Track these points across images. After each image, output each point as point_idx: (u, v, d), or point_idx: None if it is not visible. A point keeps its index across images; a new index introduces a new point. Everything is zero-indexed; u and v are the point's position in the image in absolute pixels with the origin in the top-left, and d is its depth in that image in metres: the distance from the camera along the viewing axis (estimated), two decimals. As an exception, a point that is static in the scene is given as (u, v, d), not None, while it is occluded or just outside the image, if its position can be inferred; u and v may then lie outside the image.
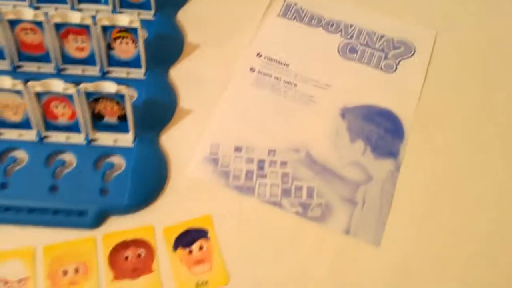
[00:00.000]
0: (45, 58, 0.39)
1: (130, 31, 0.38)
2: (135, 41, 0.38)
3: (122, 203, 0.35)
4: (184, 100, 0.40)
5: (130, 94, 0.36)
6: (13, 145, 0.36)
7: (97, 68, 0.39)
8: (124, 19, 0.37)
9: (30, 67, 0.39)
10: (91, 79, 0.37)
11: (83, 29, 0.38)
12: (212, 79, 0.42)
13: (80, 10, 0.42)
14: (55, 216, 0.34)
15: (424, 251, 0.36)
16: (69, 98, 0.35)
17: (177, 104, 0.40)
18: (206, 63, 0.42)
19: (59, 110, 0.35)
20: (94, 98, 0.35)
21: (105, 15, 0.38)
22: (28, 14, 0.37)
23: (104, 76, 0.39)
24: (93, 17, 0.37)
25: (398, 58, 0.44)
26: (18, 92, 0.34)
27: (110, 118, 0.36)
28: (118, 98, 0.35)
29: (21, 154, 0.36)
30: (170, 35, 0.42)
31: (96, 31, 0.37)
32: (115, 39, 0.38)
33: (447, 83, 0.43)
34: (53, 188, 0.35)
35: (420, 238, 0.36)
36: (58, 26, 0.37)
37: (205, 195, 0.36)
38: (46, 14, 0.37)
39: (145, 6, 0.42)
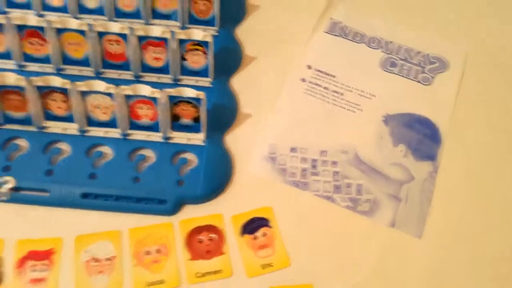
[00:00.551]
0: (125, 66, 0.44)
1: (202, 44, 0.43)
2: (205, 53, 0.44)
3: (196, 193, 0.40)
4: (244, 106, 0.45)
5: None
6: (100, 142, 0.41)
7: (171, 76, 0.45)
8: (198, 33, 0.43)
9: (112, 74, 0.45)
10: (165, 86, 0.43)
11: (161, 42, 0.43)
12: (268, 87, 0.47)
13: (152, 25, 0.48)
14: (138, 203, 0.39)
15: (461, 243, 0.40)
16: (153, 101, 0.40)
17: (238, 109, 0.45)
18: (262, 73, 0.47)
19: (143, 111, 0.41)
20: (174, 102, 0.40)
21: (177, 31, 0.43)
22: (114, 27, 0.43)
23: (176, 83, 0.45)
24: (172, 32, 0.43)
25: (434, 72, 0.49)
26: (109, 95, 0.40)
27: (186, 120, 0.41)
28: (196, 102, 0.40)
29: (106, 150, 0.41)
30: (231, 48, 0.48)
31: (173, 44, 0.43)
32: (189, 51, 0.44)
33: (479, 94, 0.48)
34: (135, 179, 0.40)
35: (458, 231, 0.41)
36: (140, 39, 0.43)
37: (265, 189, 0.41)
38: (130, 28, 0.42)
39: (210, 23, 0.48)
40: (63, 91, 0.40)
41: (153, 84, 0.42)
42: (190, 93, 0.39)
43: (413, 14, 0.52)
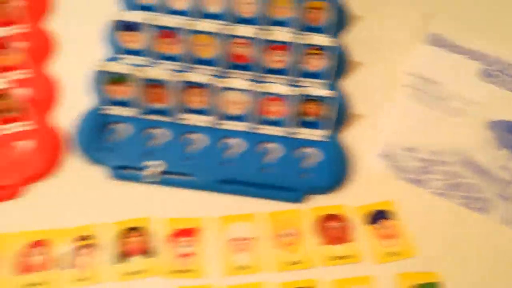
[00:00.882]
0: (248, 67, 0.48)
1: (323, 48, 0.47)
2: (324, 57, 0.47)
3: (320, 184, 0.43)
4: (355, 107, 0.49)
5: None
6: (231, 134, 0.45)
7: (290, 77, 0.48)
8: (319, 39, 0.47)
9: (236, 74, 0.47)
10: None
11: (284, 45, 0.47)
12: (374, 91, 0.50)
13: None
14: (269, 190, 0.43)
15: None
16: (285, 98, 0.43)
17: (350, 109, 0.49)
18: (370, 77, 0.51)
19: (274, 108, 0.44)
20: (303, 100, 0.44)
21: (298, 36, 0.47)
22: (243, 31, 0.46)
23: (295, 84, 0.48)
24: (295, 37, 0.46)
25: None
26: (245, 91, 0.43)
27: (311, 117, 0.45)
28: (323, 100, 0.43)
29: (236, 141, 0.45)
30: (340, 53, 0.51)
31: (297, 49, 0.46)
32: (308, 54, 0.47)
33: None
34: (265, 169, 0.43)
35: None
36: (267, 42, 0.47)
37: (382, 184, 0.45)
38: (257, 32, 0.46)
39: (321, 30, 0.52)
40: (202, 87, 0.44)
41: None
42: (320, 92, 0.43)
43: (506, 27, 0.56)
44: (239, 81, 0.43)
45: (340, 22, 0.53)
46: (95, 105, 0.46)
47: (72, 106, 0.46)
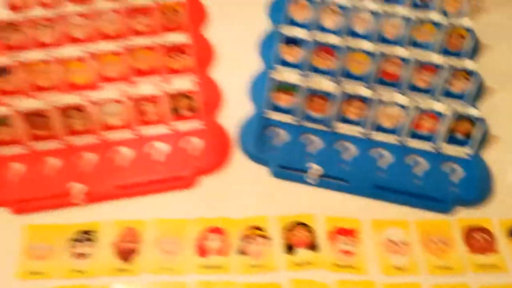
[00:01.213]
0: (396, 85, 0.52)
1: (468, 72, 0.51)
2: (468, 81, 0.51)
3: (468, 198, 0.47)
4: (493, 127, 0.52)
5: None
6: (383, 145, 0.49)
7: (434, 96, 0.52)
8: (468, 63, 0.51)
9: (383, 90, 0.52)
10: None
11: (432, 67, 0.51)
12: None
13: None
14: (419, 200, 0.46)
15: None
16: (438, 115, 0.47)
17: (489, 129, 0.52)
18: (504, 101, 0.54)
19: (427, 124, 0.48)
20: (455, 118, 0.48)
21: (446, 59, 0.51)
22: (398, 51, 0.51)
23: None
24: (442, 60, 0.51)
25: None
26: (402, 106, 0.48)
27: (459, 134, 0.49)
28: (472, 120, 0.47)
29: (388, 152, 0.49)
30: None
31: (444, 73, 0.50)
32: (455, 76, 0.51)
33: None
34: (417, 179, 0.47)
35: None
36: (417, 62, 0.51)
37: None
38: (411, 54, 0.51)
39: (460, 55, 0.55)
40: (362, 99, 0.48)
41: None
42: (472, 111, 0.47)
43: None
44: (399, 96, 0.48)
45: (474, 48, 0.58)
46: (258, 109, 0.51)
47: (234, 109, 0.52)
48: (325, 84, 0.48)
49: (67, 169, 0.47)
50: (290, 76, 0.48)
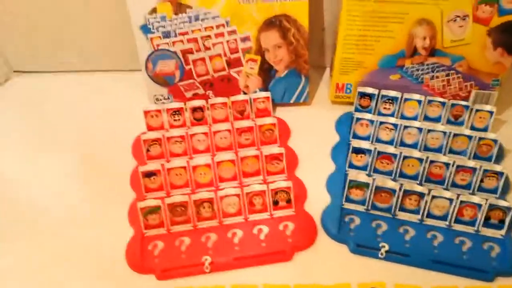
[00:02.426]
0: (440, 182, 0.68)
1: (498, 174, 0.66)
2: (497, 179, 0.66)
3: (504, 269, 0.60)
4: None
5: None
6: (433, 228, 0.64)
7: (471, 191, 0.68)
8: (497, 166, 0.66)
9: (429, 186, 0.69)
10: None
11: (470, 169, 0.67)
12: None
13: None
14: (470, 271, 0.60)
15: None
16: (478, 206, 0.62)
17: None
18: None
19: (468, 212, 0.63)
20: (490, 207, 0.62)
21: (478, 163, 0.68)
22: (442, 158, 0.68)
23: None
24: (480, 166, 0.67)
25: None
26: (448, 199, 0.63)
27: (494, 220, 0.63)
28: (503, 209, 0.62)
29: (437, 233, 0.64)
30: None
31: (478, 176, 0.66)
32: (488, 176, 0.67)
33: None
34: (465, 255, 0.61)
35: None
36: (457, 166, 0.67)
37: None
38: (454, 160, 0.67)
39: (488, 159, 0.72)
40: (419, 194, 0.64)
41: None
42: (502, 203, 0.62)
43: None
44: (445, 192, 0.64)
45: (500, 154, 0.74)
46: (334, 200, 0.67)
47: (316, 201, 0.69)
48: (389, 182, 0.65)
49: (197, 245, 0.64)
50: (361, 176, 0.65)
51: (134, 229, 0.66)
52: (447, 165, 0.68)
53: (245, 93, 0.82)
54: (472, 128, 0.76)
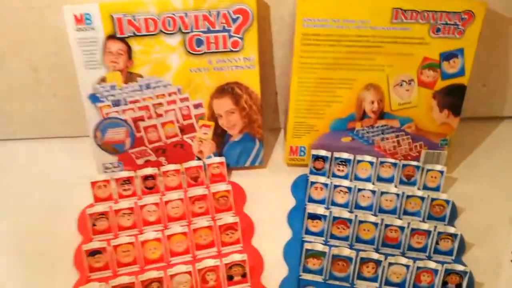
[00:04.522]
0: (396, 246, 0.67)
1: (451, 235, 0.66)
2: (451, 241, 0.66)
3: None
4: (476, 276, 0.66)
5: None
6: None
7: (426, 254, 0.67)
8: (450, 228, 0.66)
9: (385, 250, 0.67)
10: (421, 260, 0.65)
11: (424, 232, 0.66)
12: (488, 265, 0.67)
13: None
14: None
15: None
16: (434, 272, 0.61)
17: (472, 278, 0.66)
18: (482, 255, 0.69)
19: (425, 278, 0.62)
20: (447, 273, 0.61)
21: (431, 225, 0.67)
22: (396, 222, 0.67)
23: (428, 258, 0.66)
24: (434, 227, 0.66)
25: None
26: (406, 266, 0.61)
27: (451, 285, 0.62)
28: (460, 274, 0.61)
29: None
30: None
31: (432, 236, 0.66)
32: (442, 239, 0.66)
33: None
34: None
35: None
36: (412, 229, 0.66)
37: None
38: (408, 223, 0.66)
39: (442, 220, 0.72)
40: (376, 261, 0.62)
41: (416, 259, 0.65)
42: (459, 267, 0.61)
43: None
44: (401, 258, 0.62)
45: (453, 212, 0.74)
46: (291, 269, 0.65)
47: (273, 271, 0.66)
48: (346, 251, 0.63)
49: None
50: (317, 245, 0.63)
51: (77, 316, 0.61)
52: (402, 228, 0.68)
53: (199, 159, 0.80)
54: (425, 187, 0.77)
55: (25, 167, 0.84)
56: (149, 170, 0.75)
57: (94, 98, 0.75)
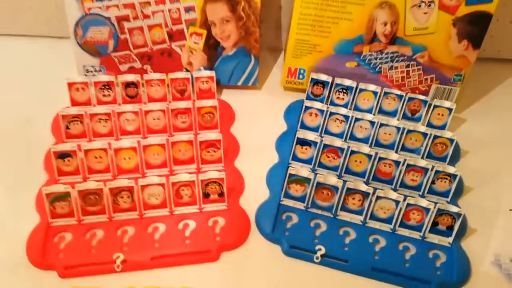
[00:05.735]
0: (389, 181, 0.62)
1: (450, 175, 0.61)
2: (449, 182, 0.61)
3: (450, 281, 0.55)
4: (470, 221, 0.61)
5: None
6: (375, 231, 0.58)
7: (420, 193, 0.62)
8: (451, 168, 0.61)
9: (376, 185, 0.63)
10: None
11: (422, 170, 0.61)
12: (485, 211, 0.63)
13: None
14: (412, 281, 0.54)
15: None
16: (425, 210, 0.57)
17: (467, 222, 0.61)
18: (480, 199, 0.64)
19: (414, 216, 0.57)
20: (438, 213, 0.57)
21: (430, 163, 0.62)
22: (392, 155, 0.62)
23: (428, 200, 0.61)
24: (432, 166, 0.61)
25: None
26: (396, 201, 0.57)
27: (442, 226, 0.57)
28: (452, 215, 0.56)
29: (380, 238, 0.58)
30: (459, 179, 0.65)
31: (429, 174, 0.61)
32: (439, 178, 0.61)
33: None
34: (404, 263, 0.56)
35: None
36: (408, 165, 0.61)
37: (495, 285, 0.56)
38: (404, 159, 0.61)
39: (443, 160, 0.66)
40: (363, 193, 0.58)
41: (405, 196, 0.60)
42: (453, 208, 0.56)
43: None
44: (391, 192, 0.58)
45: (455, 153, 0.69)
46: (273, 195, 0.61)
47: (254, 195, 0.62)
48: (332, 179, 0.58)
49: (110, 240, 0.56)
50: (303, 171, 0.59)
51: (40, 218, 0.58)
52: (397, 163, 0.62)
53: (187, 71, 0.74)
54: (429, 125, 0.70)
55: (0, 65, 0.80)
56: (131, 77, 0.69)
57: (75, -10, 0.68)
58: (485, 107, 0.78)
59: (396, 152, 0.67)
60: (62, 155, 0.60)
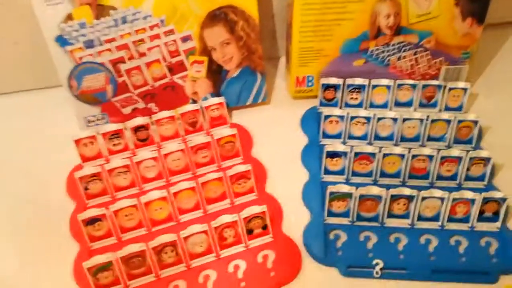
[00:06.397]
0: (424, 176, 0.62)
1: (484, 159, 0.61)
2: (483, 166, 0.61)
3: (507, 265, 0.55)
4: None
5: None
6: (426, 232, 0.57)
7: (457, 182, 0.62)
8: (484, 152, 0.61)
9: (413, 182, 0.62)
10: (452, 189, 0.60)
11: (456, 159, 0.61)
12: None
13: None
14: (472, 276, 0.54)
15: None
16: (471, 202, 0.57)
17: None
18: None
19: (460, 209, 0.57)
20: (484, 201, 0.57)
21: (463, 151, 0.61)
22: (425, 151, 0.61)
23: (460, 187, 0.61)
24: (466, 152, 0.60)
25: None
26: (441, 199, 0.57)
27: (488, 213, 0.57)
28: (497, 201, 0.57)
29: (431, 237, 0.57)
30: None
31: (464, 162, 0.60)
32: (474, 164, 0.61)
33: None
34: (462, 257, 0.55)
35: None
36: (442, 157, 0.61)
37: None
38: (437, 151, 0.60)
39: (467, 142, 0.66)
40: (408, 197, 0.57)
41: (445, 188, 0.60)
42: (498, 194, 0.56)
43: None
44: (436, 191, 0.57)
45: (478, 133, 0.68)
46: (315, 215, 0.59)
47: (295, 219, 0.60)
48: (374, 189, 0.57)
49: (163, 298, 0.54)
50: (342, 187, 0.57)
51: (83, 291, 0.55)
52: (430, 157, 0.62)
53: (194, 102, 0.71)
54: (446, 108, 0.70)
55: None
56: (139, 120, 0.65)
57: (61, 41, 0.62)
58: (494, 77, 0.78)
59: (423, 143, 0.67)
60: (92, 221, 0.57)
